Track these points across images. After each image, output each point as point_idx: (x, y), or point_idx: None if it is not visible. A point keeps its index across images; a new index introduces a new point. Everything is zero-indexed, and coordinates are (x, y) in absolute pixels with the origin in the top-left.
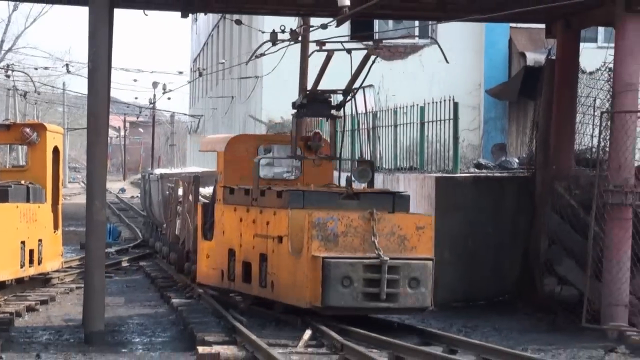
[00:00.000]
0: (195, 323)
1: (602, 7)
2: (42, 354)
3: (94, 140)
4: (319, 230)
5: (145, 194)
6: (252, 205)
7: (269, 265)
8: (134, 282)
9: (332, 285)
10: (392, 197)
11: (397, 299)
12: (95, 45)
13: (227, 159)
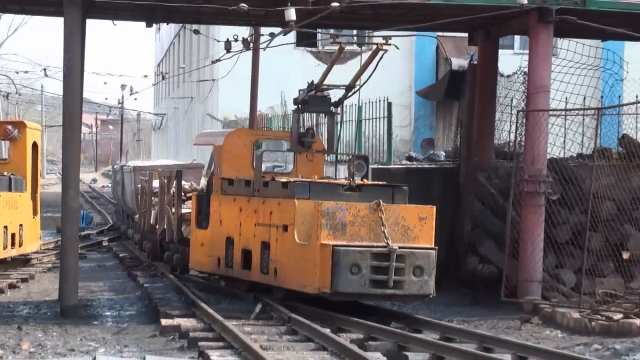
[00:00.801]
0: (159, 299)
1: (518, 18)
2: (22, 326)
3: (68, 136)
4: (328, 220)
5: (117, 185)
6: (254, 196)
7: (272, 252)
8: (105, 262)
9: (341, 272)
10: (392, 190)
11: (403, 286)
12: (70, 52)
13: (225, 152)
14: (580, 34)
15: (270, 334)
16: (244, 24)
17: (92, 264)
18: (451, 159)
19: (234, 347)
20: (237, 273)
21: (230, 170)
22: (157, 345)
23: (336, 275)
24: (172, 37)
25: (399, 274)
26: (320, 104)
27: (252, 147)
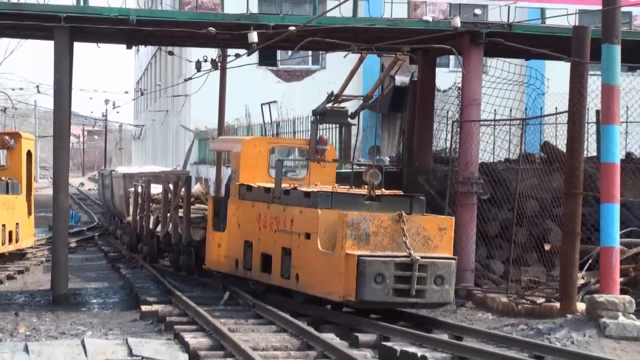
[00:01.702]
0: (139, 288)
1: (453, 40)
2: (19, 312)
3: (58, 145)
4: (353, 230)
5: (105, 188)
6: (274, 203)
7: (294, 259)
8: (91, 256)
9: (366, 281)
10: (410, 200)
11: (425, 295)
12: (59, 72)
13: (242, 159)
14: (507, 54)
15: (237, 318)
16: (213, 46)
17: (80, 258)
18: (395, 164)
19: (205, 329)
20: (256, 276)
21: (247, 176)
22: (137, 329)
23: (361, 285)
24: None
25: (421, 283)
26: (338, 116)
27: (268, 154)
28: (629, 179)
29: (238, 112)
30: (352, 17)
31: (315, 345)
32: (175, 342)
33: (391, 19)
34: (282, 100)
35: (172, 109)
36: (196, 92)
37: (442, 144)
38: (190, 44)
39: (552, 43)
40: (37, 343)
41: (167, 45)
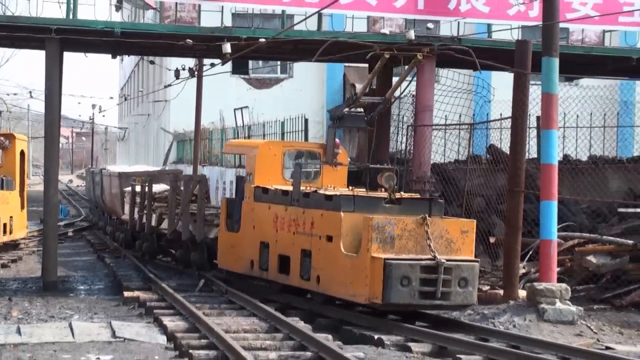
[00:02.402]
0: (122, 275)
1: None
2: (12, 297)
3: (49, 145)
4: (378, 234)
5: (95, 185)
6: (292, 205)
7: (314, 261)
8: (79, 247)
9: (392, 284)
10: (429, 203)
11: (449, 297)
12: (50, 79)
13: (257, 162)
14: (457, 65)
15: (211, 304)
16: (190, 56)
17: (69, 249)
18: (355, 164)
19: (182, 314)
20: (273, 276)
21: (262, 178)
22: (120, 313)
23: (387, 287)
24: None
25: (446, 286)
26: (355, 120)
27: (282, 157)
28: (566, 179)
29: (213, 116)
30: (316, 31)
31: (281, 328)
32: (155, 325)
33: (352, 32)
34: (253, 106)
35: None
36: (175, 98)
37: (398, 146)
38: (169, 54)
39: (498, 55)
40: (28, 325)
41: (149, 55)
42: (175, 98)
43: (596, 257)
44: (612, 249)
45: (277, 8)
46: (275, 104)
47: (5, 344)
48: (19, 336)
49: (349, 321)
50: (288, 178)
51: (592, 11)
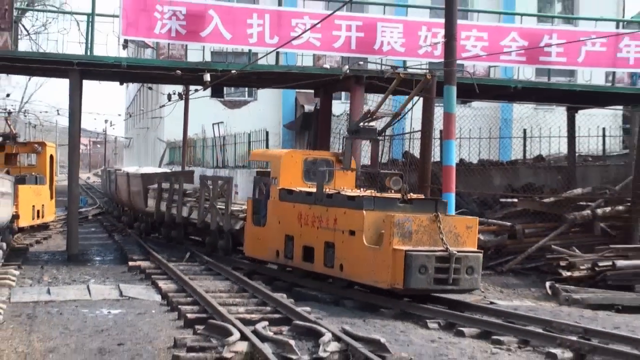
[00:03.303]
0: (128, 249)
1: (343, 81)
2: (44, 266)
3: (72, 151)
4: (399, 229)
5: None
6: (315, 204)
7: (337, 251)
8: (95, 228)
9: (412, 272)
10: (435, 202)
11: (459, 283)
12: (73, 101)
13: (282, 168)
14: (381, 91)
15: (195, 271)
16: (179, 83)
17: (87, 229)
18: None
19: (172, 278)
20: (297, 264)
21: (285, 181)
22: (126, 278)
23: (408, 275)
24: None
25: (456, 273)
26: (368, 133)
27: (302, 164)
28: (461, 177)
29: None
30: (275, 65)
31: (248, 288)
32: (152, 287)
33: (301, 66)
34: (227, 122)
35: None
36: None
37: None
38: (163, 82)
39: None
40: (56, 287)
41: (148, 82)
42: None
43: (484, 235)
44: (495, 229)
45: (245, 47)
46: (244, 120)
47: (39, 301)
48: (49, 295)
49: (299, 284)
50: (307, 181)
51: (481, 51)
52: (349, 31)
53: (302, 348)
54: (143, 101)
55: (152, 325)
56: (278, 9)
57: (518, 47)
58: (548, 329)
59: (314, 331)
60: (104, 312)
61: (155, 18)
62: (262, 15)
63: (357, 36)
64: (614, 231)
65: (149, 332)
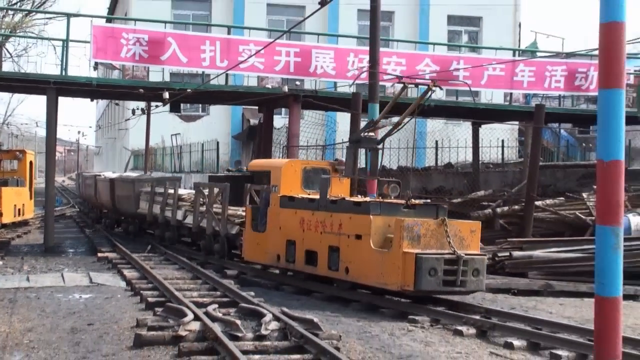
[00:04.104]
0: (97, 242)
1: (283, 99)
2: (24, 257)
3: (49, 157)
4: (408, 233)
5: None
6: (319, 210)
7: (342, 255)
8: (68, 224)
9: (422, 274)
10: (436, 207)
11: (465, 285)
12: (49, 115)
13: (283, 176)
14: (315, 107)
15: (155, 261)
16: (142, 100)
17: (61, 225)
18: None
19: (136, 267)
20: (300, 267)
21: (285, 189)
22: (95, 267)
23: (418, 277)
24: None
25: (463, 275)
26: (369, 142)
27: (301, 173)
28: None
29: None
30: (225, 84)
31: (201, 276)
32: (118, 275)
33: (248, 86)
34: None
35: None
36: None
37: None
38: (128, 99)
39: (341, 102)
40: (34, 275)
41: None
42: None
43: None
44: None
45: (199, 69)
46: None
47: (19, 287)
48: (28, 282)
49: (244, 272)
50: (305, 189)
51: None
52: (288, 56)
53: (247, 327)
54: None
55: (118, 308)
56: (227, 37)
57: (431, 71)
58: (455, 310)
59: (257, 312)
60: (76, 297)
61: (122, 44)
62: (214, 42)
63: (295, 61)
64: (510, 227)
65: (115, 313)
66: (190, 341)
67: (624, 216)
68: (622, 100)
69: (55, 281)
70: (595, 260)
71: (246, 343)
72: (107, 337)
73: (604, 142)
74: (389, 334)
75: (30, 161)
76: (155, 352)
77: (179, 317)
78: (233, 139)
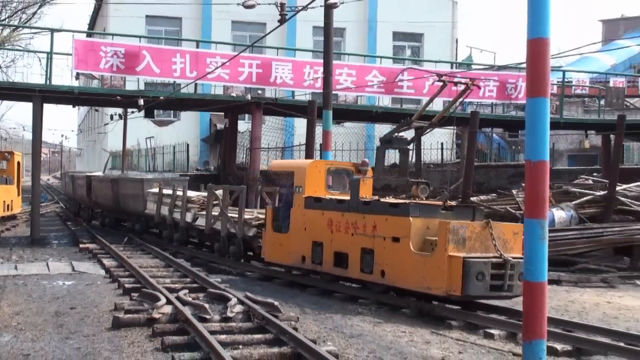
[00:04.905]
0: (79, 234)
1: (246, 105)
2: (13, 248)
3: (35, 158)
4: (453, 235)
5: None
6: (349, 211)
7: (378, 257)
8: (53, 219)
9: (470, 279)
10: (473, 209)
11: (512, 289)
12: (35, 120)
13: (308, 177)
14: (275, 113)
15: (132, 251)
16: (120, 106)
17: (46, 220)
18: (217, 170)
19: (114, 257)
20: (327, 269)
21: (310, 190)
22: (77, 257)
23: (467, 282)
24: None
25: (510, 279)
26: (400, 143)
27: (325, 174)
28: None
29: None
30: (194, 93)
31: (172, 264)
32: (98, 264)
33: (214, 94)
34: (157, 136)
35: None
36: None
37: (242, 159)
38: (107, 105)
39: (298, 109)
40: (22, 264)
41: (95, 105)
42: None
43: None
44: None
45: (171, 79)
46: (170, 135)
47: (8, 275)
48: (16, 270)
49: (213, 261)
50: (329, 190)
51: (351, 85)
52: (251, 68)
53: (214, 310)
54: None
55: (98, 293)
56: (196, 50)
57: (378, 82)
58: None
59: (224, 297)
60: (59, 284)
61: (100, 56)
62: (184, 55)
63: (256, 72)
64: None
65: (95, 298)
66: (163, 323)
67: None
68: (547, 107)
69: (41, 269)
70: (524, 250)
71: (213, 324)
72: (87, 319)
73: (531, 145)
74: (341, 315)
75: (18, 161)
76: (132, 332)
77: (153, 301)
78: (201, 142)
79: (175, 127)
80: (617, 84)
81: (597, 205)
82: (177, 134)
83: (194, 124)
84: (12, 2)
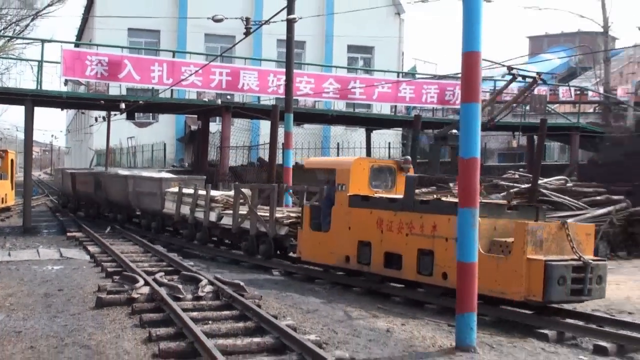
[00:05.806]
0: (66, 224)
1: (217, 109)
2: (6, 236)
3: (27, 156)
4: (532, 237)
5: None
6: (403, 210)
7: (439, 259)
8: (44, 210)
9: (552, 283)
10: (537, 209)
11: (591, 293)
12: (27, 122)
13: (352, 175)
14: (243, 116)
15: (114, 239)
16: (103, 109)
17: (38, 211)
18: (191, 167)
19: (98, 244)
20: (377, 270)
21: (354, 187)
22: (65, 244)
23: (548, 286)
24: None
25: (590, 283)
26: (454, 139)
27: (369, 171)
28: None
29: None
30: (170, 97)
31: (150, 250)
32: (84, 250)
33: (189, 99)
34: (137, 136)
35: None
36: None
37: (213, 157)
38: (92, 108)
39: (263, 112)
40: (14, 251)
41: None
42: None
43: None
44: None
45: (149, 85)
46: (149, 136)
47: (2, 261)
48: (9, 257)
49: (188, 247)
50: (372, 188)
51: (309, 91)
52: (221, 76)
53: (187, 290)
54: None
55: (83, 277)
56: (172, 59)
57: (334, 89)
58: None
59: (196, 278)
60: (48, 268)
61: (86, 64)
62: (162, 63)
63: (226, 79)
64: None
65: (80, 281)
66: (141, 302)
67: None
68: (479, 111)
69: (32, 256)
70: (457, 234)
71: (186, 303)
72: (74, 300)
73: (465, 144)
74: (299, 294)
75: (11, 159)
76: (113, 311)
77: (133, 283)
78: (177, 141)
79: (153, 128)
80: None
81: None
82: (155, 134)
83: (170, 126)
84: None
